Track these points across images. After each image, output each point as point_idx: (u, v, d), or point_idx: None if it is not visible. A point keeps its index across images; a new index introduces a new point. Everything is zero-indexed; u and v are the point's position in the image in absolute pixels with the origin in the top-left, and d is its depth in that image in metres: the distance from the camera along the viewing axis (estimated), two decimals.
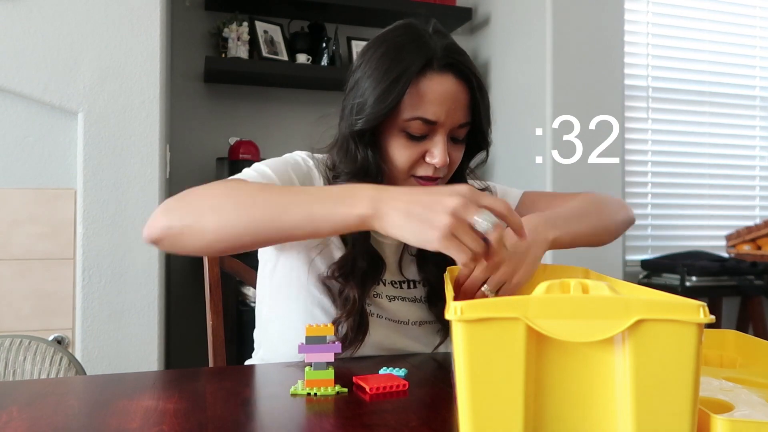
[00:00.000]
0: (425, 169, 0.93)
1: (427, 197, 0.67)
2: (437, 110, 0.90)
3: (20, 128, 1.76)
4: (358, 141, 0.92)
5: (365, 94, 0.91)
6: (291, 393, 0.75)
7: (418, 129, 0.91)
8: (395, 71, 0.89)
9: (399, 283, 1.03)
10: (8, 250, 1.75)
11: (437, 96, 0.89)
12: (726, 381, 0.64)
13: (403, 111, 0.90)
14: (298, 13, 2.54)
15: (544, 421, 0.48)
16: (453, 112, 0.91)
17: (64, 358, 1.15)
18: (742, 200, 3.09)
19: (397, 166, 0.93)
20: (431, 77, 0.90)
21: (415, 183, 0.94)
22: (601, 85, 2.38)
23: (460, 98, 0.92)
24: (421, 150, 0.92)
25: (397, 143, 0.92)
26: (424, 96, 0.89)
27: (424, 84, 0.89)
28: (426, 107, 0.89)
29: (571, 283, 0.54)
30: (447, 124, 0.91)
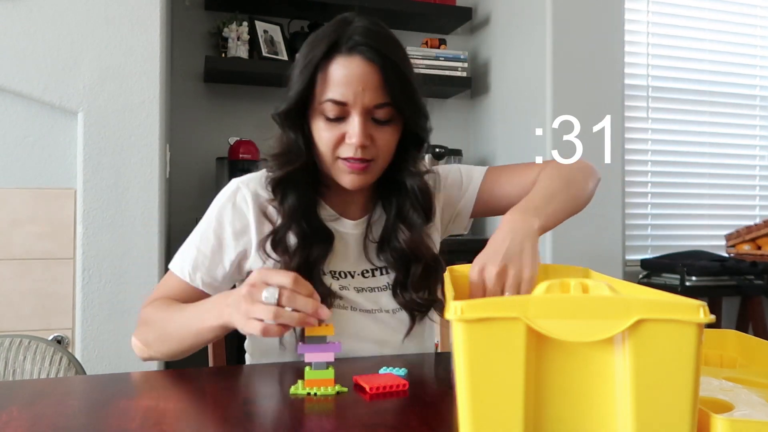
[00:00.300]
0: (347, 149, 0.96)
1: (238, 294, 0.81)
2: (344, 91, 0.94)
3: (20, 128, 1.76)
4: (284, 123, 1.00)
5: (291, 82, 0.99)
6: (291, 393, 0.75)
7: (331, 111, 0.95)
8: (307, 58, 0.96)
9: (371, 272, 1.05)
10: (8, 250, 1.75)
11: (342, 77, 0.94)
12: (726, 381, 0.64)
13: (318, 95, 0.95)
14: (298, 13, 2.54)
15: (544, 421, 0.48)
16: (363, 92, 0.94)
17: (64, 358, 1.15)
18: (742, 200, 3.09)
19: (322, 147, 0.98)
20: (338, 60, 0.94)
21: (343, 166, 0.97)
22: (601, 85, 2.38)
23: (370, 79, 0.94)
24: (341, 131, 0.96)
25: (318, 126, 0.97)
26: (332, 78, 0.94)
27: (332, 67, 0.94)
28: (334, 89, 0.94)
29: (571, 283, 0.54)
30: (358, 104, 0.94)
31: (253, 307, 0.77)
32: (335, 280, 1.03)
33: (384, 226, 1.06)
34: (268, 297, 0.76)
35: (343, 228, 1.05)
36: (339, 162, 0.98)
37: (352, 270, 1.05)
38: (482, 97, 2.76)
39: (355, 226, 1.07)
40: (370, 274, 1.05)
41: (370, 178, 1.00)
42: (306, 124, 1.00)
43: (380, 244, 1.06)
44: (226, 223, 1.02)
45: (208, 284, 1.02)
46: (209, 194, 2.63)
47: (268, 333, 0.76)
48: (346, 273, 1.04)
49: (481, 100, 2.76)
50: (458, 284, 0.78)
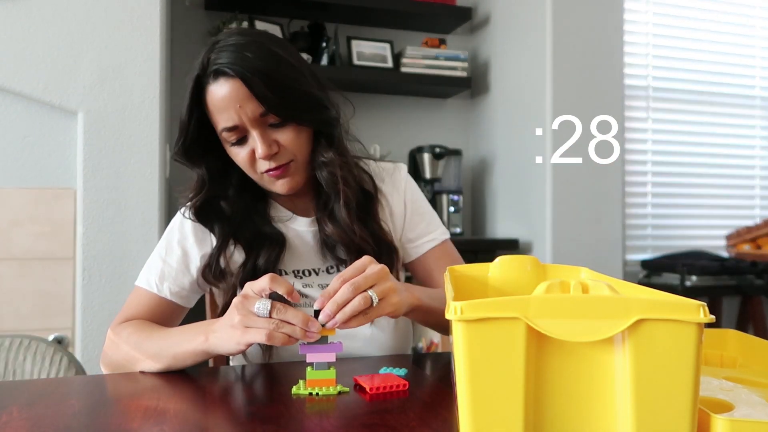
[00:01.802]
0: (262, 164, 0.98)
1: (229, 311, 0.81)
2: (228, 115, 0.94)
3: (20, 128, 1.76)
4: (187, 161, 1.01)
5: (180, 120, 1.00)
6: (293, 393, 0.75)
7: (231, 136, 0.96)
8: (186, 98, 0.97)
9: (336, 267, 1.05)
10: (8, 250, 1.75)
11: (219, 103, 0.94)
12: (726, 381, 0.64)
13: (216, 126, 0.97)
14: (298, 13, 2.54)
15: (544, 420, 0.48)
16: (242, 108, 0.94)
17: (64, 358, 1.15)
18: (742, 200, 3.09)
19: (244, 168, 1.00)
20: (209, 90, 0.95)
21: (268, 177, 0.99)
22: (601, 85, 2.38)
23: (240, 94, 0.93)
24: (249, 149, 0.97)
25: (232, 152, 0.99)
26: (212, 109, 0.96)
27: (208, 99, 0.96)
28: (219, 117, 0.95)
29: (571, 283, 0.54)
30: (246, 120, 0.95)
31: (248, 318, 0.78)
32: (298, 279, 1.03)
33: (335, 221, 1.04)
34: (260, 309, 0.77)
35: (298, 226, 1.06)
36: (263, 176, 0.99)
37: (316, 267, 1.05)
38: (482, 97, 2.76)
39: (311, 224, 1.06)
40: (334, 269, 1.05)
41: (299, 177, 1.01)
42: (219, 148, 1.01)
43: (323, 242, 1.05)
44: (189, 233, 1.04)
45: (176, 293, 1.03)
46: None
47: (273, 339, 0.76)
48: (310, 271, 1.04)
49: (481, 100, 2.77)
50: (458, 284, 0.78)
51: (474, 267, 0.88)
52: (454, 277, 0.80)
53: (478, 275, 0.84)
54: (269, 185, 1.01)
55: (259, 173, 0.99)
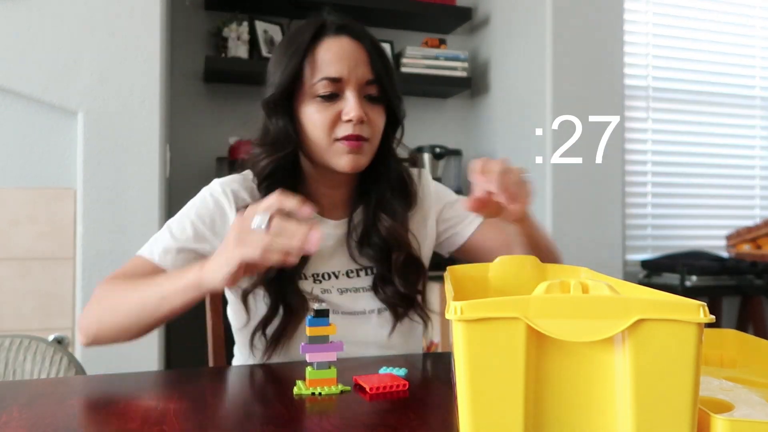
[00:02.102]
0: (344, 128, 0.96)
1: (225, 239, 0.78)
2: (338, 67, 0.96)
3: (20, 128, 1.76)
4: (269, 113, 0.99)
5: (272, 74, 1.00)
6: (295, 393, 0.75)
7: (326, 89, 0.96)
8: (293, 45, 0.98)
9: (356, 272, 1.04)
10: (8, 250, 1.75)
11: (335, 54, 0.96)
12: (726, 381, 0.64)
13: (309, 77, 0.97)
14: (298, 13, 2.54)
15: (544, 420, 0.48)
16: (355, 67, 0.96)
17: (64, 358, 1.15)
18: (742, 200, 3.09)
19: (317, 130, 0.97)
20: (327, 40, 0.97)
21: (341, 147, 0.97)
22: (601, 85, 2.38)
23: (359, 56, 0.97)
24: (336, 110, 0.96)
25: (312, 109, 0.97)
26: (323, 57, 0.96)
27: (321, 47, 0.97)
28: (327, 66, 0.96)
29: (571, 283, 0.54)
30: (352, 79, 0.96)
31: (243, 234, 0.74)
32: (317, 284, 1.01)
33: (364, 218, 1.05)
34: (258, 223, 0.74)
35: (325, 228, 1.04)
36: (336, 144, 0.97)
37: (336, 270, 1.03)
38: (482, 97, 2.76)
39: (337, 227, 1.05)
40: (354, 274, 1.04)
41: (364, 160, 0.99)
42: (293, 112, 0.99)
43: (361, 238, 1.04)
44: (206, 217, 1.00)
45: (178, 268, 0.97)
46: None
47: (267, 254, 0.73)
48: (329, 274, 1.03)
49: (481, 100, 2.76)
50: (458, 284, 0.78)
51: (474, 267, 0.88)
52: (454, 277, 0.80)
53: (478, 275, 0.84)
54: (335, 156, 0.97)
55: (333, 138, 0.96)
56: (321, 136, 0.97)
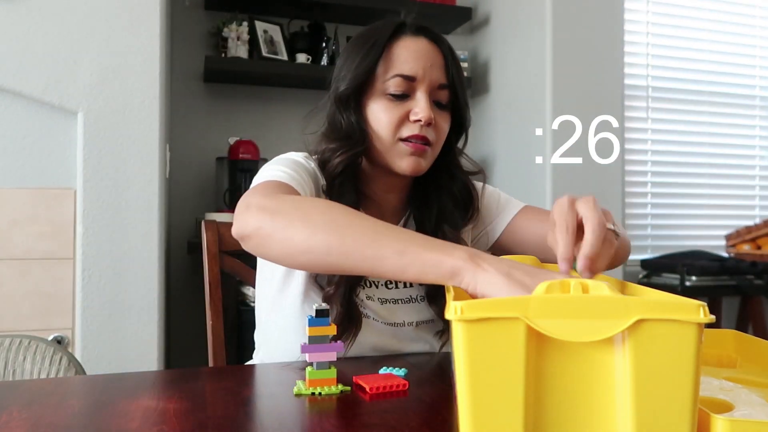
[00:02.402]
0: (411, 128, 0.95)
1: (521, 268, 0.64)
2: (414, 66, 0.95)
3: (20, 128, 1.76)
4: (342, 108, 0.97)
5: (345, 68, 0.98)
6: (295, 393, 0.75)
7: (398, 86, 0.95)
8: (370, 41, 0.97)
9: (395, 283, 1.02)
10: (8, 250, 1.75)
11: (412, 53, 0.96)
12: (726, 381, 0.64)
13: (382, 73, 0.95)
14: (298, 13, 2.54)
15: (544, 420, 0.48)
16: (430, 69, 0.96)
17: (64, 358, 1.15)
18: (742, 200, 3.09)
19: (383, 128, 0.95)
20: (405, 39, 0.97)
21: (404, 147, 0.95)
22: (601, 85, 2.38)
23: (436, 58, 0.97)
24: (405, 109, 0.95)
25: (381, 106, 0.96)
26: (400, 55, 0.96)
27: (398, 45, 0.96)
28: (403, 64, 0.95)
29: (571, 283, 0.54)
30: (426, 80, 0.95)
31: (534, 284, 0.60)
32: (362, 289, 0.99)
33: (422, 228, 1.02)
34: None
35: None
36: (400, 144, 0.95)
37: (376, 280, 1.01)
38: (482, 97, 2.76)
39: None
40: (393, 285, 1.01)
41: (426, 164, 0.98)
42: (363, 108, 0.97)
43: None
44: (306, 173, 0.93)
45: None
46: (209, 194, 2.64)
47: None
48: (372, 282, 1.00)
49: (481, 100, 2.76)
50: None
51: None
52: None
53: None
54: (396, 157, 0.95)
55: (397, 138, 0.95)
56: (386, 135, 0.95)
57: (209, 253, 1.19)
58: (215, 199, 2.42)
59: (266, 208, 0.76)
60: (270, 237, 0.75)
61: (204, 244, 1.20)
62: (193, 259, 2.30)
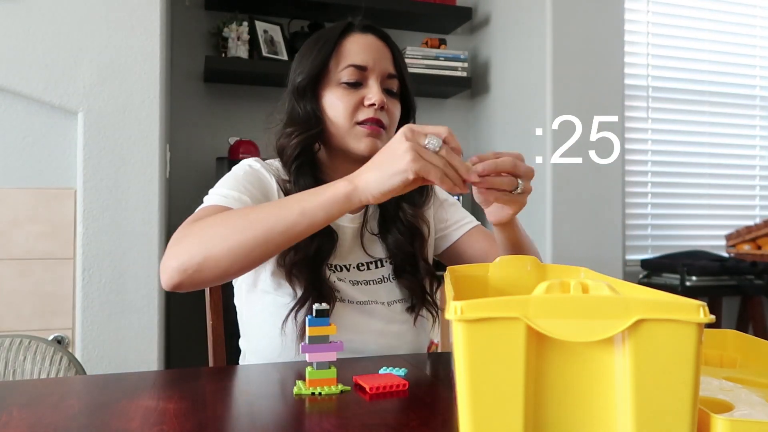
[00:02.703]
0: (366, 112, 1.01)
1: (382, 150, 0.79)
2: (364, 56, 1.03)
3: (20, 128, 1.76)
4: (299, 99, 1.03)
5: (300, 65, 1.05)
6: (295, 393, 0.75)
7: (351, 75, 1.02)
8: (322, 40, 1.05)
9: (366, 264, 1.07)
10: (8, 250, 1.75)
11: (361, 46, 1.04)
12: (726, 381, 0.64)
13: (336, 65, 1.03)
14: (298, 13, 2.54)
15: (544, 420, 0.48)
16: (379, 60, 1.04)
17: (64, 358, 1.15)
18: (742, 200, 3.09)
19: (339, 113, 1.02)
20: (354, 35, 1.05)
21: (361, 130, 1.01)
22: (601, 85, 2.38)
23: (384, 51, 1.05)
24: (359, 96, 1.02)
25: (336, 94, 1.02)
26: (351, 49, 1.03)
27: (348, 41, 1.04)
28: (354, 56, 1.03)
29: (571, 283, 0.54)
30: (376, 69, 1.03)
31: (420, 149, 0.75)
32: (332, 273, 1.03)
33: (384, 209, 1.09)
34: (433, 144, 0.76)
35: (341, 222, 1.06)
36: (356, 127, 1.01)
37: (348, 263, 1.06)
38: (482, 97, 2.76)
39: (353, 220, 1.08)
40: (365, 267, 1.07)
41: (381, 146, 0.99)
42: (318, 98, 1.04)
43: (382, 230, 1.08)
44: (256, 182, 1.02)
45: None
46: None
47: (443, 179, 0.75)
48: (342, 266, 1.05)
49: (481, 100, 2.76)
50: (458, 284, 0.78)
51: (474, 267, 0.88)
52: (454, 277, 0.80)
53: (478, 275, 0.84)
54: (354, 140, 1.01)
55: (354, 122, 1.01)
56: (342, 120, 1.01)
57: None
58: None
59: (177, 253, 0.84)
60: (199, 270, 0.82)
61: None
62: None
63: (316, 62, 1.03)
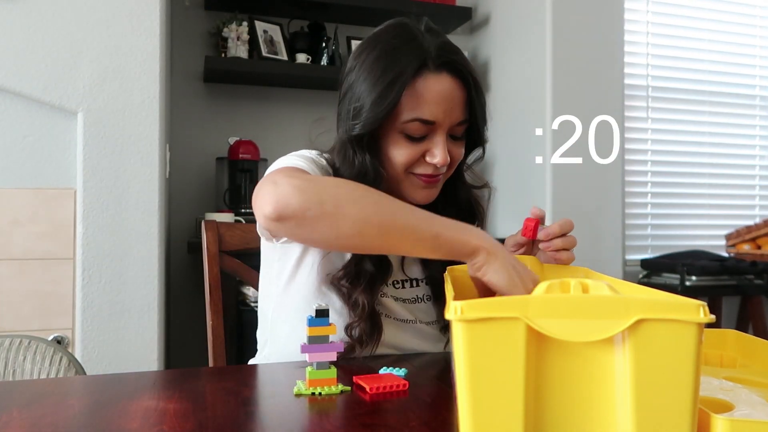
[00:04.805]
0: (425, 167, 0.95)
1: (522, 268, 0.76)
2: (435, 110, 0.91)
3: (20, 128, 1.76)
4: (356, 146, 0.93)
5: (361, 98, 0.92)
6: (295, 393, 0.75)
7: (417, 130, 0.92)
8: (390, 74, 0.90)
9: (401, 282, 1.03)
10: (8, 250, 1.75)
11: (434, 96, 0.91)
12: (726, 381, 0.64)
13: (401, 113, 0.91)
14: (297, 13, 2.54)
15: (544, 420, 0.48)
16: (450, 111, 0.92)
17: (64, 358, 1.15)
18: (742, 200, 3.09)
19: (396, 166, 0.94)
20: (427, 77, 0.91)
21: (417, 181, 0.96)
22: (601, 85, 2.38)
23: (457, 96, 0.93)
24: (421, 150, 0.93)
25: (397, 145, 0.93)
26: (421, 97, 0.90)
27: (420, 85, 0.90)
28: (423, 108, 0.91)
29: (571, 283, 0.54)
30: (445, 123, 0.93)
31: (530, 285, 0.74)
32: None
33: None
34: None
35: None
36: (411, 177, 0.95)
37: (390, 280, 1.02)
38: None
39: None
40: (400, 285, 1.03)
41: (437, 192, 0.99)
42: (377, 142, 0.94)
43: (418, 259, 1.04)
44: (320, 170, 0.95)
45: None
46: (209, 194, 2.64)
47: None
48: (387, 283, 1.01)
49: None
50: (458, 284, 0.78)
51: None
52: (453, 277, 0.80)
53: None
54: (411, 188, 0.96)
55: (408, 174, 0.95)
56: (399, 170, 0.95)
57: (209, 253, 1.19)
58: (215, 199, 2.42)
59: (305, 190, 0.76)
60: (318, 219, 0.75)
61: (204, 244, 1.20)
62: (193, 259, 2.29)
63: (380, 110, 0.89)
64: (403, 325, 1.00)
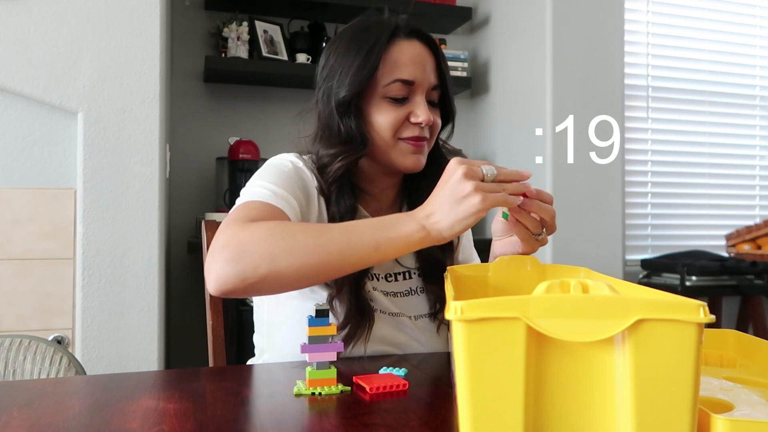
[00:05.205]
0: (411, 130, 0.99)
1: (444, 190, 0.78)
2: (412, 70, 0.98)
3: (20, 128, 1.76)
4: (341, 113, 0.98)
5: (342, 72, 0.98)
6: (295, 393, 0.75)
7: (398, 91, 0.98)
8: (366, 45, 0.97)
9: (394, 276, 1.04)
10: (8, 250, 1.75)
11: (409, 58, 0.98)
12: (726, 381, 0.64)
13: (381, 78, 0.98)
14: (297, 13, 2.54)
15: (544, 420, 0.48)
16: (426, 72, 0.99)
17: (64, 358, 1.15)
18: (742, 200, 3.09)
19: (383, 130, 0.99)
20: (400, 43, 0.99)
21: (406, 146, 0.99)
22: (601, 85, 2.38)
23: (429, 60, 1.01)
24: (405, 112, 0.99)
25: (380, 109, 0.99)
26: (398, 60, 0.98)
27: (395, 50, 0.98)
28: (402, 69, 0.98)
29: (571, 283, 0.54)
30: (423, 84, 0.99)
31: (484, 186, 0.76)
32: (368, 280, 1.01)
33: None
34: (490, 174, 0.77)
35: None
36: (400, 143, 0.99)
37: (378, 273, 1.03)
38: (482, 97, 2.76)
39: None
40: (393, 278, 1.04)
41: (424, 160, 1.03)
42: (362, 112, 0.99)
43: None
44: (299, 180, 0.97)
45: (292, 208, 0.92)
46: (209, 194, 2.64)
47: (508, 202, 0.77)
48: (373, 275, 1.03)
49: (481, 100, 2.76)
50: (458, 284, 0.78)
51: (474, 267, 0.88)
52: (454, 277, 0.80)
53: (478, 275, 0.85)
54: (399, 156, 0.99)
55: (397, 138, 0.99)
56: (387, 136, 0.99)
57: None
58: (215, 199, 2.42)
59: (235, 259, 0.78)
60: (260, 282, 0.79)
61: (204, 244, 1.20)
62: (193, 259, 2.30)
63: (362, 75, 0.96)
64: (395, 319, 1.01)
